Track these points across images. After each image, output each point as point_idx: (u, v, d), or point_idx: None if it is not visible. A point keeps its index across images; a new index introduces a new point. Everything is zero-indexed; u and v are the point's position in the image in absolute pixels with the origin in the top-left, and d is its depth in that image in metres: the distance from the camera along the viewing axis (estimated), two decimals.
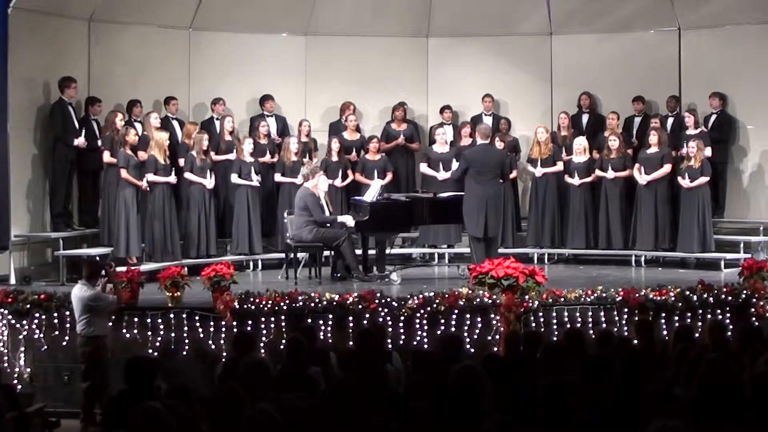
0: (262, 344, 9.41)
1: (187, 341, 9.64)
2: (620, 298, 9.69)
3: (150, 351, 9.48)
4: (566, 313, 9.64)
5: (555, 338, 8.99)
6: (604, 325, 9.47)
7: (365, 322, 9.41)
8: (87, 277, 9.00)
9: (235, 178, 12.57)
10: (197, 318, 9.65)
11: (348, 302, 9.63)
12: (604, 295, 9.77)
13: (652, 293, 9.73)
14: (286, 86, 13.95)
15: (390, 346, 8.92)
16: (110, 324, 9.36)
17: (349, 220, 11.64)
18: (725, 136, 13.16)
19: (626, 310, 9.64)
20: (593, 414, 5.22)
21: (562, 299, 9.70)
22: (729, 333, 8.07)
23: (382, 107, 14.20)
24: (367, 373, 6.19)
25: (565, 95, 14.13)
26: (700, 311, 9.65)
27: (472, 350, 9.22)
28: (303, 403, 5.19)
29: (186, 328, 9.66)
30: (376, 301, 9.65)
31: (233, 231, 12.62)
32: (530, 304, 9.57)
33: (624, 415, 5.18)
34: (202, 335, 9.61)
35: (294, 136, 13.09)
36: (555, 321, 9.61)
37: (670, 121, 13.45)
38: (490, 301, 9.62)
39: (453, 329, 9.44)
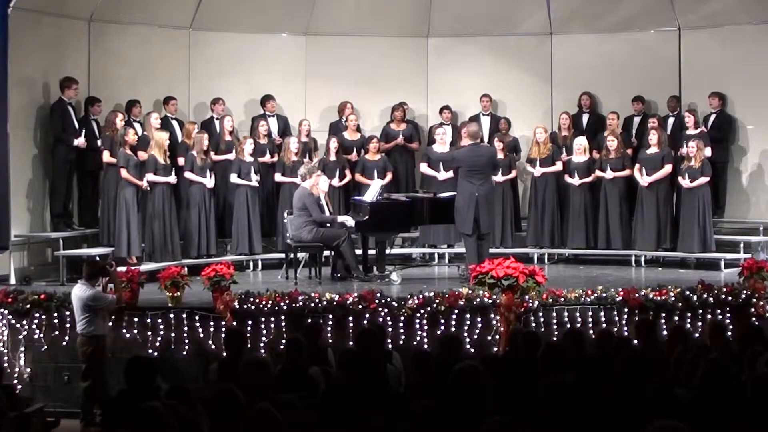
0: (262, 344, 9.42)
1: (187, 341, 9.63)
2: (620, 298, 9.68)
3: (150, 351, 9.49)
4: (566, 313, 9.63)
5: (555, 338, 8.98)
6: (604, 325, 9.47)
7: (365, 322, 9.40)
8: (87, 277, 9.01)
9: (234, 178, 12.56)
10: (197, 318, 9.64)
11: (348, 302, 9.62)
12: (604, 295, 9.75)
13: (652, 293, 9.72)
14: (286, 86, 13.95)
15: (390, 346, 8.92)
16: (109, 324, 9.37)
17: (348, 220, 11.64)
18: (725, 136, 13.16)
19: (626, 310, 9.63)
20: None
21: (562, 299, 9.69)
22: (729, 333, 8.07)
23: (382, 107, 14.20)
24: (367, 373, 6.19)
25: (565, 95, 14.13)
26: (700, 311, 9.64)
27: (472, 350, 9.23)
28: (303, 403, 5.20)
29: (186, 328, 9.65)
30: (376, 301, 9.64)
31: (233, 231, 12.61)
32: (530, 304, 9.56)
33: (624, 415, 5.18)
34: (202, 335, 9.61)
35: (294, 136, 13.09)
36: (555, 321, 9.60)
37: (671, 121, 13.45)
38: (490, 301, 9.62)
39: (453, 329, 9.43)
